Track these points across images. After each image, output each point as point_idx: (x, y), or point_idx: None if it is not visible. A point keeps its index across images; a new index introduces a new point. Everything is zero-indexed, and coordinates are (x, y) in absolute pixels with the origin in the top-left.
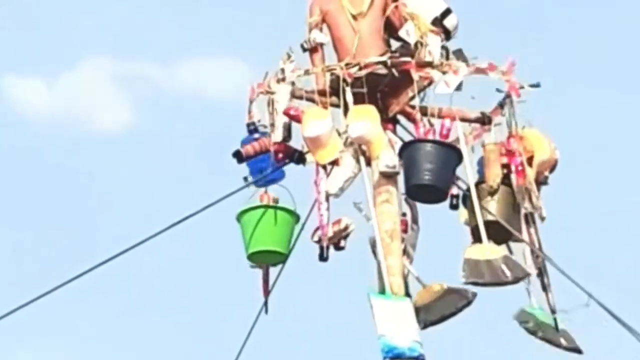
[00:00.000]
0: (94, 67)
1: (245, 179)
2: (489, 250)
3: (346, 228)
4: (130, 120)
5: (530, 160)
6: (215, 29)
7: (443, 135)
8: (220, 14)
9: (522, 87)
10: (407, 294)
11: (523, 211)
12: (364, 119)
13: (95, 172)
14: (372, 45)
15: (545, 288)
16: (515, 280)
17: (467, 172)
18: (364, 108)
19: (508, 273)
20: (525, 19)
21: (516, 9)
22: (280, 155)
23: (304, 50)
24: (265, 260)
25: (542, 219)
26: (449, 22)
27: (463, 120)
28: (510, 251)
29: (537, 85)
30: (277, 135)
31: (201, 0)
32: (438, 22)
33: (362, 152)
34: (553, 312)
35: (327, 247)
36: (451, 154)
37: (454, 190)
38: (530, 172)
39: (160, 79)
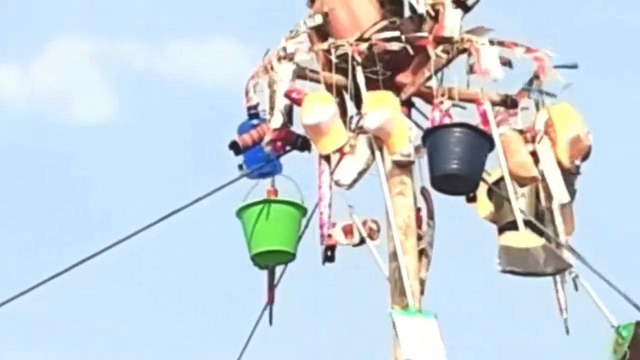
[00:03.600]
0: (70, 48)
1: (241, 167)
2: (527, 238)
3: (362, 242)
4: (113, 107)
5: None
6: (209, 6)
7: (484, 122)
8: None
9: (555, 67)
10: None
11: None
12: (383, 107)
13: (79, 164)
14: (364, 18)
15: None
16: (555, 272)
17: (499, 161)
18: (382, 95)
19: (548, 264)
20: None
21: None
22: (280, 143)
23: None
24: (271, 260)
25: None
26: None
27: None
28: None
29: (573, 67)
30: (276, 121)
31: None
32: None
33: (376, 141)
34: (562, 312)
35: (330, 249)
36: (482, 141)
37: None
38: (552, 156)
39: (146, 62)
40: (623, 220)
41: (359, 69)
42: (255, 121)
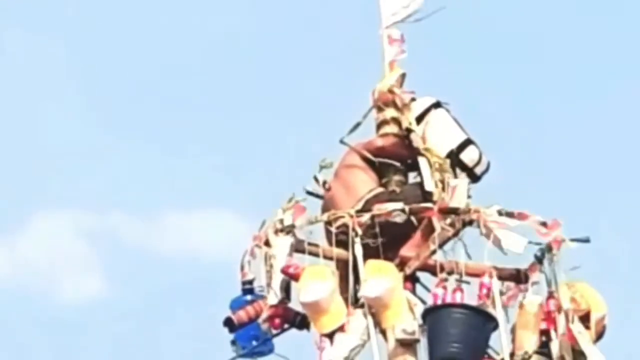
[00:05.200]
0: (56, 221)
1: (234, 342)
2: None
3: None
4: (101, 287)
5: (585, 317)
6: (202, 178)
7: (483, 295)
8: (208, 162)
9: (563, 240)
10: None
11: None
12: (383, 277)
13: (68, 342)
14: (360, 188)
15: None
16: None
17: (501, 342)
18: (383, 264)
19: None
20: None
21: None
22: (278, 320)
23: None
24: None
25: None
26: (466, 157)
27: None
28: None
29: (586, 240)
30: (273, 297)
31: (184, 147)
32: (454, 156)
33: (372, 315)
34: None
35: None
36: (484, 321)
37: None
38: (588, 335)
39: (137, 236)
40: None
41: (358, 241)
42: (249, 297)
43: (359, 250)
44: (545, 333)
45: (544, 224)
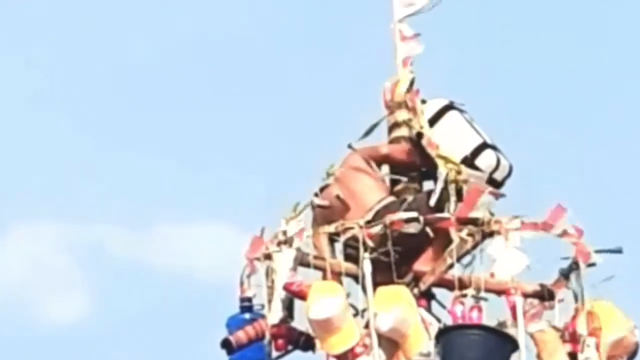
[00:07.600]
0: (34, 233)
1: None
2: None
3: None
4: (85, 304)
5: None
6: (197, 188)
7: (515, 316)
8: (202, 170)
9: (593, 254)
10: None
11: None
12: (394, 307)
13: None
14: (368, 197)
15: None
16: None
17: None
18: (394, 291)
19: None
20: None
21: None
22: (281, 341)
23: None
24: None
25: None
26: (482, 162)
27: None
28: None
29: (618, 251)
30: (274, 316)
31: (176, 155)
32: (468, 161)
33: (389, 344)
34: None
35: None
36: (501, 343)
37: None
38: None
39: (125, 250)
40: None
41: (366, 257)
42: (247, 315)
43: (367, 268)
44: (572, 356)
45: (569, 234)
